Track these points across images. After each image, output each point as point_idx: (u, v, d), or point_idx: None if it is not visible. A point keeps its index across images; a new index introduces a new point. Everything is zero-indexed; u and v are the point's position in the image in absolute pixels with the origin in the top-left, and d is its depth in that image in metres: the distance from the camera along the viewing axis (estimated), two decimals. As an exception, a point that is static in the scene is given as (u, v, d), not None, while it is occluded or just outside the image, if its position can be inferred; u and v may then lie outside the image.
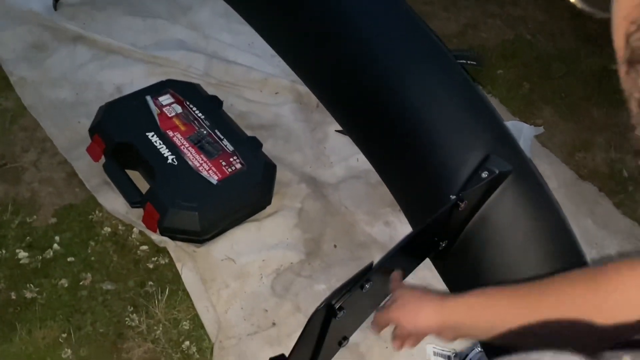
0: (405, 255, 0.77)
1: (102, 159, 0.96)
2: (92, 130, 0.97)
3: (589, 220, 1.04)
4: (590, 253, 0.96)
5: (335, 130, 1.10)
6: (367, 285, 0.71)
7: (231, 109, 1.10)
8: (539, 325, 0.53)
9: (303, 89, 1.15)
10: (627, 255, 0.99)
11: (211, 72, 1.16)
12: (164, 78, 1.09)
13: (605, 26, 1.26)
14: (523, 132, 1.05)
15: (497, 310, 0.57)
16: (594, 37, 1.37)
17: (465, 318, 0.59)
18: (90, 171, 0.97)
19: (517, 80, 1.27)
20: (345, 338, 0.76)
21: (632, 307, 0.48)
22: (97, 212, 0.93)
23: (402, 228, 0.97)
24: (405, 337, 0.64)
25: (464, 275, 0.83)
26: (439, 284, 0.89)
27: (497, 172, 0.78)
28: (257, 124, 1.10)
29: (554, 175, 1.10)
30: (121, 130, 0.95)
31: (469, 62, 1.23)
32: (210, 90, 1.09)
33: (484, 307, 0.58)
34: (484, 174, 0.79)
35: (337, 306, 0.69)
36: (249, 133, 1.03)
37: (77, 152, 1.00)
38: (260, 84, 1.16)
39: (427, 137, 0.88)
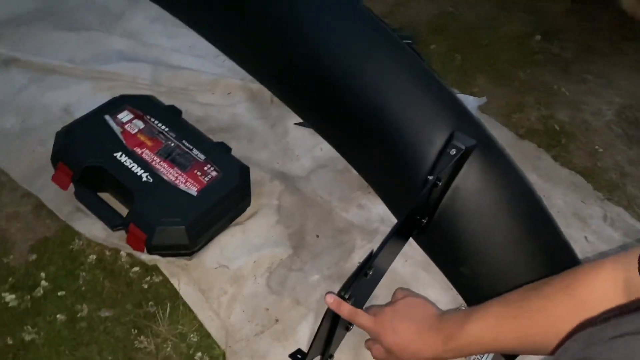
0: (396, 238, 0.83)
1: (71, 187, 0.93)
2: (55, 158, 0.94)
3: (535, 175, 1.15)
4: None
5: (295, 123, 1.13)
6: (370, 272, 0.76)
7: (187, 115, 1.10)
8: (534, 340, 0.60)
9: (254, 85, 1.17)
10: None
11: (159, 80, 1.14)
12: (110, 93, 1.07)
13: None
14: (469, 104, 1.14)
15: (496, 337, 0.64)
16: (509, 4, 1.48)
17: (467, 348, 0.67)
18: (60, 200, 0.95)
19: (449, 52, 1.35)
20: (351, 323, 0.82)
21: (608, 303, 0.55)
22: (76, 240, 0.91)
23: (375, 208, 1.03)
24: None
25: (445, 245, 0.91)
26: (419, 256, 0.97)
27: (464, 148, 0.86)
28: (217, 127, 1.11)
29: (498, 138, 1.20)
30: (87, 155, 0.92)
31: (404, 40, 1.29)
32: (162, 99, 1.08)
33: (483, 335, 0.65)
34: (452, 151, 0.86)
35: (346, 297, 0.74)
36: (210, 137, 1.03)
37: (40, 183, 0.96)
38: (210, 86, 1.16)
39: (391, 120, 0.94)
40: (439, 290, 0.93)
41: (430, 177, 0.84)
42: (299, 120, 1.13)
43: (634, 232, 1.05)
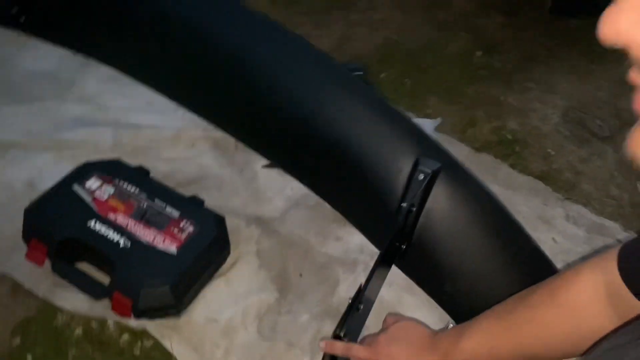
0: (381, 268, 0.85)
1: (47, 261, 0.92)
2: (27, 236, 0.93)
3: (496, 186, 1.20)
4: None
5: (262, 166, 1.15)
6: (361, 307, 0.78)
7: (154, 172, 1.10)
8: (527, 349, 0.63)
9: (217, 134, 1.18)
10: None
11: (121, 141, 1.14)
12: (74, 161, 1.06)
13: (454, 14, 1.43)
14: (426, 127, 1.18)
15: (491, 351, 0.67)
16: (447, 25, 1.56)
17: None
18: (37, 277, 0.93)
19: (399, 79, 1.41)
20: (347, 357, 0.83)
21: (592, 307, 0.58)
22: (59, 316, 0.90)
23: (353, 239, 1.05)
24: None
25: (426, 266, 0.94)
26: (401, 280, 0.99)
27: (430, 172, 0.89)
28: (185, 181, 1.11)
29: (457, 155, 1.25)
30: (60, 228, 0.91)
31: (356, 72, 1.33)
32: (127, 160, 1.08)
33: (478, 350, 0.68)
34: (420, 177, 0.90)
35: (342, 334, 0.76)
36: (179, 191, 1.04)
37: (13, 262, 0.94)
38: (174, 141, 1.17)
39: (358, 154, 0.97)
40: (425, 311, 0.96)
41: (404, 204, 0.87)
42: (266, 162, 1.15)
43: (596, 227, 1.11)
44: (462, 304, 0.90)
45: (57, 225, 0.92)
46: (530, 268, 0.89)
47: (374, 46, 1.48)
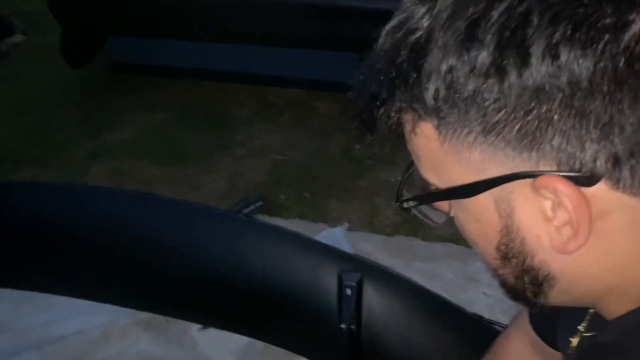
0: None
1: None
2: None
3: (418, 262, 1.28)
4: (434, 287, 1.19)
5: (199, 330, 1.15)
6: None
7: (94, 379, 1.07)
8: None
9: (144, 315, 1.18)
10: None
11: (51, 359, 1.11)
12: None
13: (324, 119, 1.54)
14: (338, 236, 1.25)
15: None
16: (322, 131, 1.68)
17: None
18: None
19: (298, 194, 1.49)
20: None
21: None
22: None
23: (309, 369, 1.07)
24: None
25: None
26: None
27: (355, 284, 0.95)
28: (128, 375, 1.09)
29: (374, 247, 1.32)
30: None
31: (256, 205, 1.40)
32: (62, 377, 1.05)
33: None
34: (348, 291, 0.95)
35: None
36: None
37: None
38: (104, 337, 1.15)
39: (285, 290, 1.01)
40: (399, 412, 0.98)
41: (343, 325, 0.91)
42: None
43: (514, 269, 1.21)
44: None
45: None
46: (475, 336, 0.95)
47: (265, 172, 1.56)
